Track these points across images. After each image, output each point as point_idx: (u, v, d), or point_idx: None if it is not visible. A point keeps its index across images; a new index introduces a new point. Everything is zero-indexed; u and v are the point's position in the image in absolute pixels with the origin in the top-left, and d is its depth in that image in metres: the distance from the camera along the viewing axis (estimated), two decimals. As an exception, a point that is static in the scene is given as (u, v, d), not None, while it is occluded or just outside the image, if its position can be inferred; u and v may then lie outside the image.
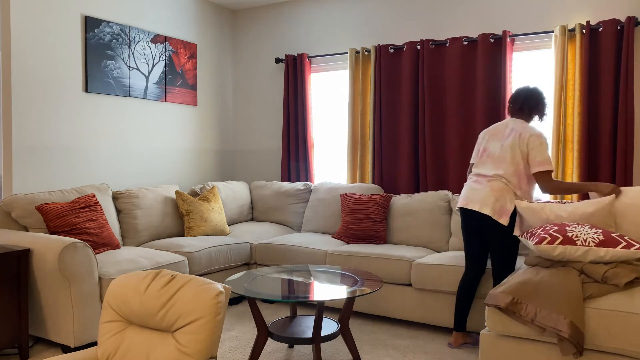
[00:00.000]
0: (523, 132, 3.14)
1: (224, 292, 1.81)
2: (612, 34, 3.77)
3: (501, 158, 3.15)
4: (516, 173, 3.11)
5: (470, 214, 3.19)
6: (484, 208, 3.09)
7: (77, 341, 3.15)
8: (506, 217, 3.07)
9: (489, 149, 3.23)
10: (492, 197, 3.10)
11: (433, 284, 3.58)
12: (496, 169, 3.14)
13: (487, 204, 3.09)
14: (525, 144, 3.10)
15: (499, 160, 3.15)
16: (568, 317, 2.30)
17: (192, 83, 5.18)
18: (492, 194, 3.11)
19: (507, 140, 3.16)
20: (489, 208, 3.08)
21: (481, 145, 3.32)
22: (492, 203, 3.09)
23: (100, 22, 4.29)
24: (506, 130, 3.22)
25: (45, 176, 3.97)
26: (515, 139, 3.14)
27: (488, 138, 3.28)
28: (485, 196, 3.12)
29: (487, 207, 3.09)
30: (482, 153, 3.27)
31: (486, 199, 3.11)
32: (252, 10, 5.61)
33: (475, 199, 3.15)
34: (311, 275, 3.22)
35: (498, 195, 3.09)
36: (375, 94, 4.71)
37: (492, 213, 3.07)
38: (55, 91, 4.02)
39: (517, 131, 3.16)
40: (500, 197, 3.09)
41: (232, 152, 5.75)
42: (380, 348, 3.36)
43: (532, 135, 3.11)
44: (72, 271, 3.10)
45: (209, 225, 4.40)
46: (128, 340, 1.86)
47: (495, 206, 3.08)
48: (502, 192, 3.10)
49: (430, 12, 4.59)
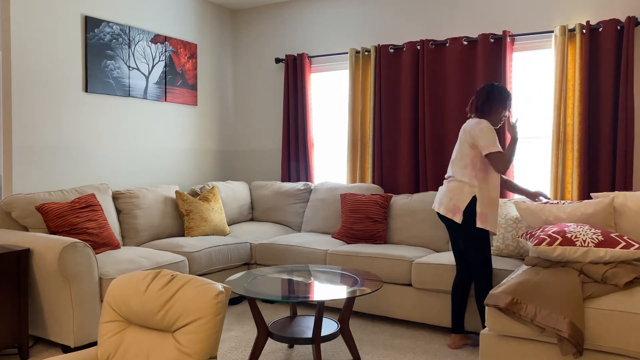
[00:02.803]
0: (467, 127, 3.24)
1: (224, 292, 1.81)
2: (612, 34, 3.77)
3: (454, 158, 3.29)
4: (467, 165, 3.20)
5: (441, 217, 3.32)
6: (441, 208, 3.26)
7: (77, 341, 3.15)
8: (459, 215, 3.16)
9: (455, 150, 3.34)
10: (447, 197, 3.24)
11: (433, 284, 3.58)
12: (451, 171, 3.30)
13: (442, 203, 3.26)
14: (469, 135, 3.19)
15: (453, 162, 3.30)
16: (568, 317, 2.30)
17: (192, 83, 5.18)
18: (447, 194, 3.25)
19: (459, 139, 3.30)
20: (444, 207, 3.24)
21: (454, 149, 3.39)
22: (447, 202, 3.23)
23: (100, 22, 4.29)
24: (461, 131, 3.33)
25: (45, 176, 3.97)
26: (461, 135, 3.27)
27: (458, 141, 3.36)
28: (442, 197, 3.29)
29: (442, 206, 3.25)
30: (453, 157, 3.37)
31: (442, 199, 3.27)
32: (252, 10, 5.61)
33: (437, 200, 3.33)
34: (311, 275, 3.22)
35: (452, 195, 3.22)
36: (375, 94, 4.71)
37: (446, 212, 3.21)
38: (55, 91, 4.02)
39: (464, 129, 3.27)
40: (453, 195, 3.21)
41: (232, 152, 5.75)
42: (380, 348, 3.36)
43: (473, 126, 3.19)
44: (72, 271, 3.10)
45: (209, 225, 4.41)
46: (128, 340, 1.86)
47: (448, 205, 3.22)
48: (456, 190, 3.21)
49: (430, 12, 4.59)
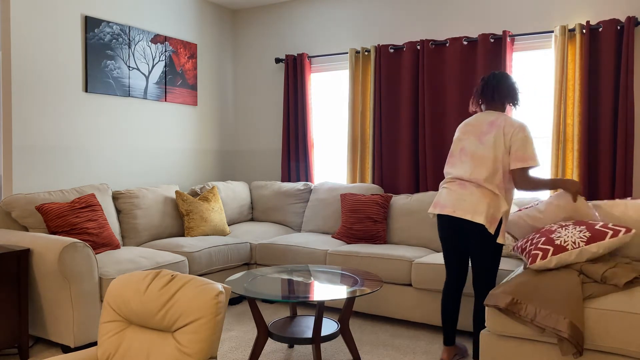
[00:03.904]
0: (506, 126, 2.84)
1: (224, 292, 1.81)
2: (612, 34, 3.77)
3: (484, 158, 2.85)
4: (499, 171, 2.83)
5: (455, 222, 2.90)
6: (477, 217, 2.78)
7: (77, 341, 3.15)
8: (495, 225, 2.81)
9: (467, 147, 2.92)
10: (485, 205, 2.80)
11: (433, 284, 3.58)
12: (479, 173, 2.84)
13: (479, 212, 2.79)
14: (510, 138, 2.82)
15: (481, 161, 2.85)
16: (568, 317, 2.30)
17: (192, 83, 5.18)
18: (484, 201, 2.81)
19: (487, 137, 2.86)
20: (483, 217, 2.77)
21: (460, 143, 2.98)
22: (486, 211, 2.78)
23: (100, 22, 4.29)
24: (483, 125, 2.91)
25: (45, 176, 3.97)
26: (499, 134, 2.84)
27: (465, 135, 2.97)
28: (476, 203, 2.81)
29: (480, 215, 2.78)
30: (460, 152, 2.96)
31: (478, 207, 2.80)
32: (252, 10, 5.61)
33: (465, 207, 2.83)
34: (311, 275, 3.22)
35: (489, 202, 2.81)
36: (375, 94, 4.71)
37: (486, 222, 2.77)
38: (55, 91, 4.02)
39: (498, 126, 2.86)
40: (491, 204, 2.81)
41: (232, 152, 5.75)
42: (380, 348, 3.36)
43: (516, 129, 2.82)
44: (72, 271, 3.10)
45: (209, 225, 4.41)
46: (128, 340, 1.86)
47: (488, 214, 2.79)
48: (493, 199, 2.81)
49: (430, 12, 4.59)
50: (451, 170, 2.97)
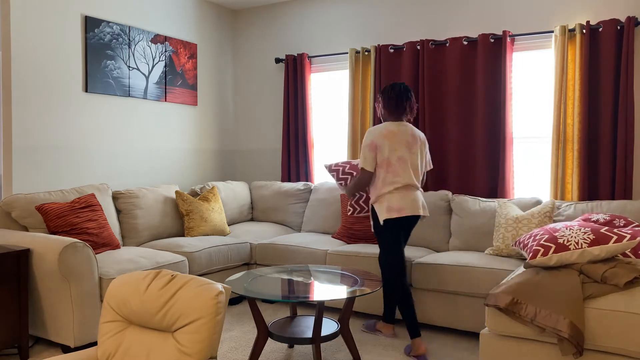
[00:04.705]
0: (421, 138, 3.42)
1: (224, 292, 1.81)
2: (612, 34, 3.77)
3: (415, 165, 3.35)
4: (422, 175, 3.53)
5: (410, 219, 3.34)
6: (424, 211, 3.39)
7: (77, 341, 3.15)
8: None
9: (404, 157, 3.29)
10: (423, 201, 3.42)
11: (433, 284, 3.58)
12: (416, 178, 3.37)
13: (425, 207, 3.41)
14: (425, 148, 3.46)
15: (415, 168, 3.35)
16: (568, 317, 2.30)
17: (192, 83, 5.18)
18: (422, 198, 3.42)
19: (414, 147, 3.34)
20: (427, 210, 3.43)
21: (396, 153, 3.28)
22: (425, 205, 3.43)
23: (100, 22, 4.29)
24: (408, 136, 3.32)
25: (45, 176, 3.97)
26: (421, 145, 3.40)
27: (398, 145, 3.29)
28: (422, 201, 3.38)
29: (425, 209, 3.41)
30: (399, 161, 3.28)
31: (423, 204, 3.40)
32: (252, 10, 5.61)
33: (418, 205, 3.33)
34: (311, 275, 3.22)
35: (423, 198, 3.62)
36: (375, 94, 4.71)
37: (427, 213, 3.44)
38: (55, 91, 4.02)
39: (417, 137, 3.38)
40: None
41: (232, 152, 5.75)
42: (380, 348, 3.35)
43: (425, 140, 3.46)
44: (72, 271, 3.10)
45: (209, 225, 4.40)
46: (128, 340, 1.86)
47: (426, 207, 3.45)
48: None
49: (430, 12, 4.59)
50: (398, 178, 3.29)
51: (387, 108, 3.37)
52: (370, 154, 3.27)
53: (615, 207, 3.56)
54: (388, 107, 3.36)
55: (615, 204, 3.58)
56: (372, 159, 3.28)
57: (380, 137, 3.26)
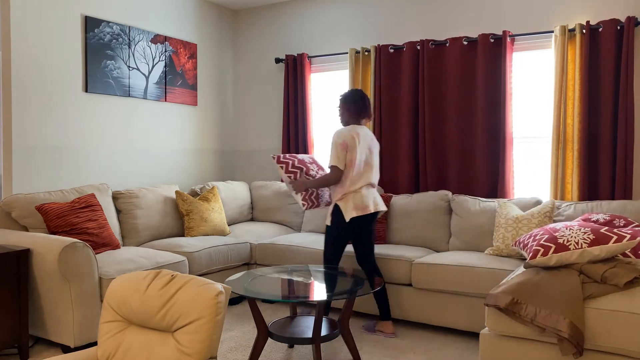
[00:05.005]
0: (374, 139, 3.67)
1: (224, 292, 1.81)
2: (612, 34, 3.77)
3: (374, 166, 3.60)
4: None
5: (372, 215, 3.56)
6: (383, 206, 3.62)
7: (77, 341, 3.15)
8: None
9: (366, 158, 3.54)
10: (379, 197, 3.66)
11: (433, 284, 3.58)
12: (376, 177, 3.63)
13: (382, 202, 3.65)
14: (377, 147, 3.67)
15: (375, 169, 3.61)
16: (568, 317, 2.30)
17: (192, 83, 5.18)
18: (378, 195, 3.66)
19: (375, 149, 3.62)
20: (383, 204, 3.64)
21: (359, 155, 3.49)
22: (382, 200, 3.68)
23: (100, 22, 4.29)
24: (369, 139, 3.58)
25: (45, 176, 3.97)
26: (377, 147, 3.67)
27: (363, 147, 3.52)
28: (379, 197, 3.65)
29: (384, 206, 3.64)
30: (363, 162, 3.51)
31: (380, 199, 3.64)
32: (253, 10, 5.61)
33: (380, 202, 3.59)
34: (311, 275, 3.22)
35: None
36: (375, 94, 4.71)
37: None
38: (55, 91, 4.02)
39: (374, 139, 3.65)
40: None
41: (232, 152, 5.75)
42: (380, 348, 3.36)
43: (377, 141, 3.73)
44: (72, 271, 3.10)
45: (209, 225, 4.40)
46: (128, 340, 1.86)
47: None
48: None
49: (430, 12, 4.59)
50: (363, 178, 3.52)
51: (350, 112, 3.60)
52: (342, 153, 3.45)
53: (615, 207, 3.56)
54: (351, 111, 3.60)
55: (615, 204, 3.58)
56: (344, 158, 3.46)
57: (350, 139, 3.46)
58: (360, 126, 3.58)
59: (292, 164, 3.72)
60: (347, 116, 3.61)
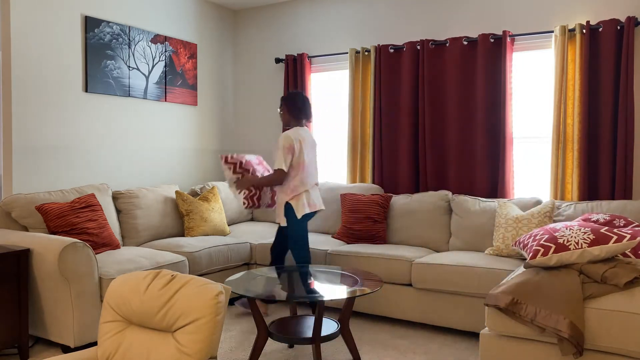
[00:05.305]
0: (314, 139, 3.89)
1: (224, 292, 1.81)
2: (612, 34, 3.77)
3: (316, 166, 3.85)
4: None
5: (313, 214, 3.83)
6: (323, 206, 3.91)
7: (77, 341, 3.15)
8: None
9: (311, 159, 3.79)
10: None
11: (433, 284, 3.58)
12: (317, 177, 3.88)
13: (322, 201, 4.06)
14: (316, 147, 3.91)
15: (316, 169, 3.86)
16: (568, 317, 2.30)
17: (192, 83, 5.18)
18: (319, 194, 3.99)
19: (315, 150, 3.87)
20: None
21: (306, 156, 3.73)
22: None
23: (100, 22, 4.29)
24: (311, 140, 3.81)
25: (45, 176, 3.97)
26: (315, 147, 3.87)
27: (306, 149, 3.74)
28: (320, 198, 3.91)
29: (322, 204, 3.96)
30: (307, 163, 3.73)
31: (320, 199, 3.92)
32: (253, 10, 5.61)
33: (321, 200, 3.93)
34: (311, 275, 3.22)
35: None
36: (375, 94, 4.71)
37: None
38: (55, 91, 4.02)
39: (314, 141, 3.87)
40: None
41: (232, 152, 5.74)
42: (380, 348, 3.36)
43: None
44: (72, 271, 3.10)
45: (209, 225, 4.40)
46: (128, 340, 1.86)
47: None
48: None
49: (430, 12, 4.59)
50: (310, 178, 3.78)
51: (292, 114, 3.80)
52: (288, 157, 3.67)
53: (615, 207, 3.56)
54: (294, 113, 3.80)
55: (615, 204, 3.58)
56: (289, 161, 3.69)
57: (296, 142, 3.69)
58: (302, 128, 3.80)
59: (238, 165, 3.87)
60: (288, 117, 3.82)
